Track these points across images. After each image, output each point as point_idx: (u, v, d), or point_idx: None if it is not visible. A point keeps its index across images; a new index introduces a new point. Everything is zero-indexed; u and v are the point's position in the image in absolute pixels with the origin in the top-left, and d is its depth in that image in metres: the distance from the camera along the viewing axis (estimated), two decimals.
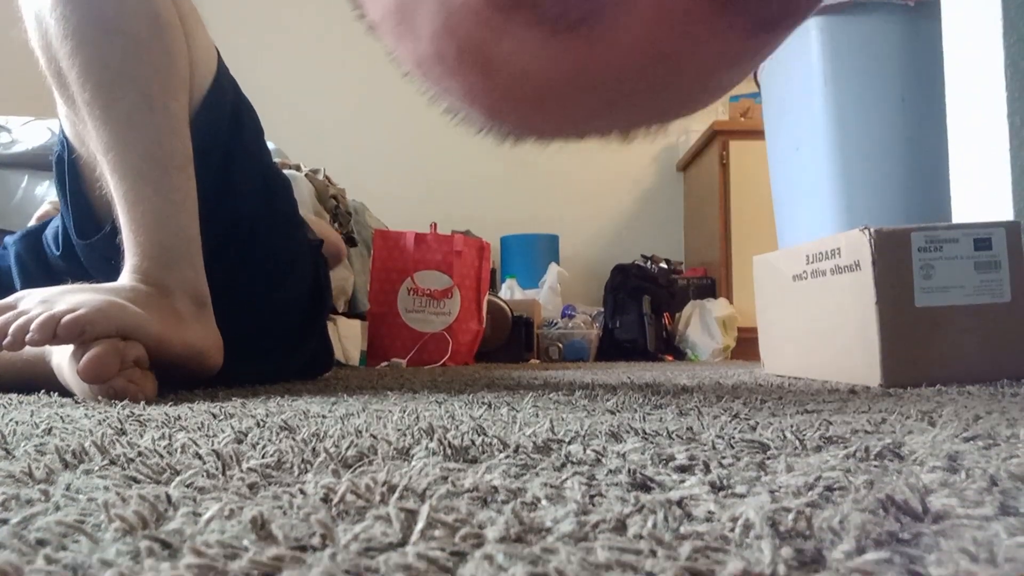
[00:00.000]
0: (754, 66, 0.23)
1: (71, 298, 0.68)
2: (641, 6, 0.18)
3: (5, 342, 0.65)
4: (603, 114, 0.23)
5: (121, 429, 0.44)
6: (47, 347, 0.72)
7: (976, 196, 1.11)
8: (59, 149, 0.89)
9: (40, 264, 0.96)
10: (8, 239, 1.02)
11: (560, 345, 2.68)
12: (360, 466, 0.32)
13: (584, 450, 0.35)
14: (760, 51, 0.21)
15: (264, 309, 0.99)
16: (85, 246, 0.87)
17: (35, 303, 0.69)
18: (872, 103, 1.38)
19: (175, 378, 0.77)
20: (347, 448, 0.35)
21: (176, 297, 0.75)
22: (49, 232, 0.97)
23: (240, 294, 0.92)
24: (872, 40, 1.40)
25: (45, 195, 1.63)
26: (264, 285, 0.98)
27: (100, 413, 0.54)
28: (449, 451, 0.35)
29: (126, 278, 0.74)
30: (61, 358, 0.71)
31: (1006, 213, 1.05)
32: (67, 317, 0.64)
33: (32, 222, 1.14)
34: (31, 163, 1.67)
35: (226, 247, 0.90)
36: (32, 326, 0.64)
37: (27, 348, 0.69)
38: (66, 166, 0.87)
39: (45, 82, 0.80)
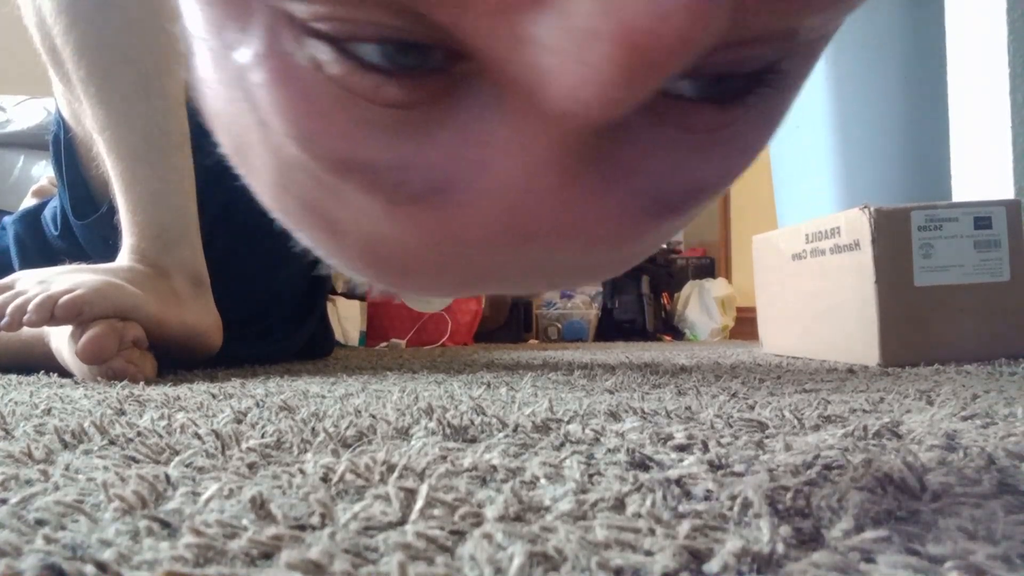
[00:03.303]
0: (665, 240, 0.20)
1: (68, 279, 0.68)
2: (494, 179, 0.15)
3: (2, 323, 0.65)
4: (483, 284, 0.20)
5: (120, 409, 0.45)
6: (45, 328, 0.72)
7: (977, 174, 1.10)
8: (55, 129, 0.88)
9: (39, 244, 0.96)
10: (7, 219, 1.01)
11: (559, 325, 2.68)
12: (359, 446, 0.32)
13: (583, 429, 0.35)
14: (669, 232, 0.19)
15: (263, 289, 0.99)
16: (82, 226, 0.87)
17: (32, 284, 0.69)
18: (873, 81, 1.37)
19: (174, 359, 0.77)
20: (346, 428, 0.35)
21: (174, 277, 0.75)
22: (48, 212, 0.96)
23: (239, 274, 0.91)
24: (874, 17, 1.39)
25: (41, 175, 1.62)
26: (263, 265, 0.97)
27: (99, 393, 0.54)
28: (448, 431, 0.35)
29: (124, 258, 0.74)
30: (60, 339, 0.71)
31: (1007, 192, 1.04)
32: (65, 298, 0.64)
33: (28, 197, 1.13)
34: (27, 143, 1.66)
35: (224, 227, 0.90)
36: (29, 307, 0.64)
37: (25, 329, 0.68)
38: (62, 146, 0.86)
39: (40, 60, 0.79)
